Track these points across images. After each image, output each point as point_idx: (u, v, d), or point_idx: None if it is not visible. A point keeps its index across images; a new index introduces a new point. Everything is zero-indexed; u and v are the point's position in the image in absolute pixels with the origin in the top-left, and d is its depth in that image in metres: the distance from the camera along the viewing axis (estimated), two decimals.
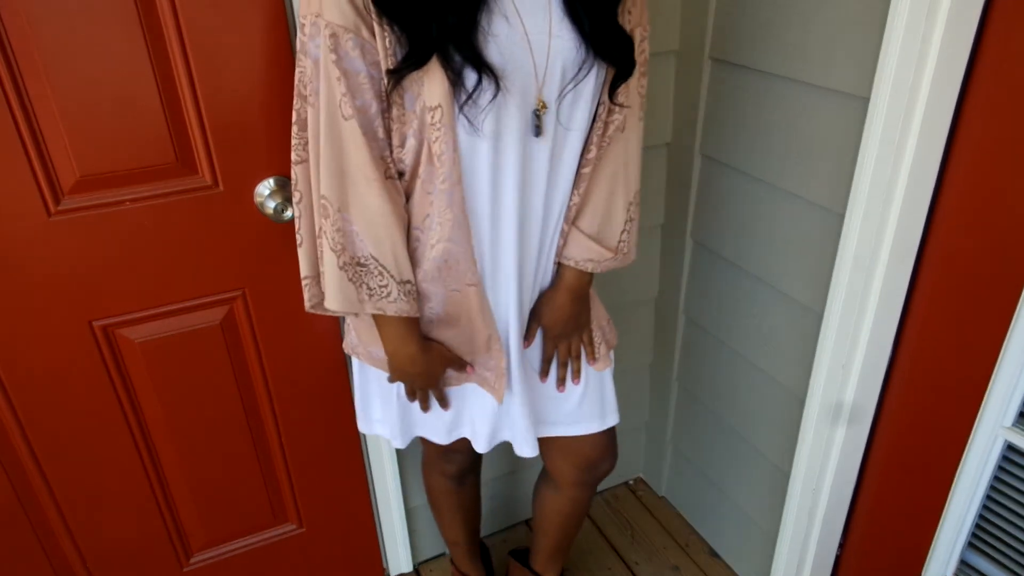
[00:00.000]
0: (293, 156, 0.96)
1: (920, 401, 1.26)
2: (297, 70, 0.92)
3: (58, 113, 1.02)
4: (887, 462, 1.35)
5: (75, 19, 0.98)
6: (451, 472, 1.38)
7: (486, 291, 1.03)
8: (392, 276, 0.95)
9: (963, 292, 1.13)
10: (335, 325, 1.35)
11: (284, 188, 1.18)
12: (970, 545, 1.26)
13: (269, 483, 1.46)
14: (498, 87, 0.86)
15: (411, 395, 1.13)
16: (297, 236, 1.01)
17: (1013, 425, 1.13)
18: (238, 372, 1.31)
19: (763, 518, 1.57)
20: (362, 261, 0.94)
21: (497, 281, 1.04)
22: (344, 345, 1.20)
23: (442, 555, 1.79)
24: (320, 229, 0.95)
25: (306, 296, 1.04)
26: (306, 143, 0.94)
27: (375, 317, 1.01)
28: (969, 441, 1.18)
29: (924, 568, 1.33)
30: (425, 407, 1.14)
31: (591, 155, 1.01)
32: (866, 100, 1.07)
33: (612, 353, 1.21)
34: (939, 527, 1.27)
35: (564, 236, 1.07)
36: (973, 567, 1.27)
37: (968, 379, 1.16)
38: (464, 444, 1.22)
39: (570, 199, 1.04)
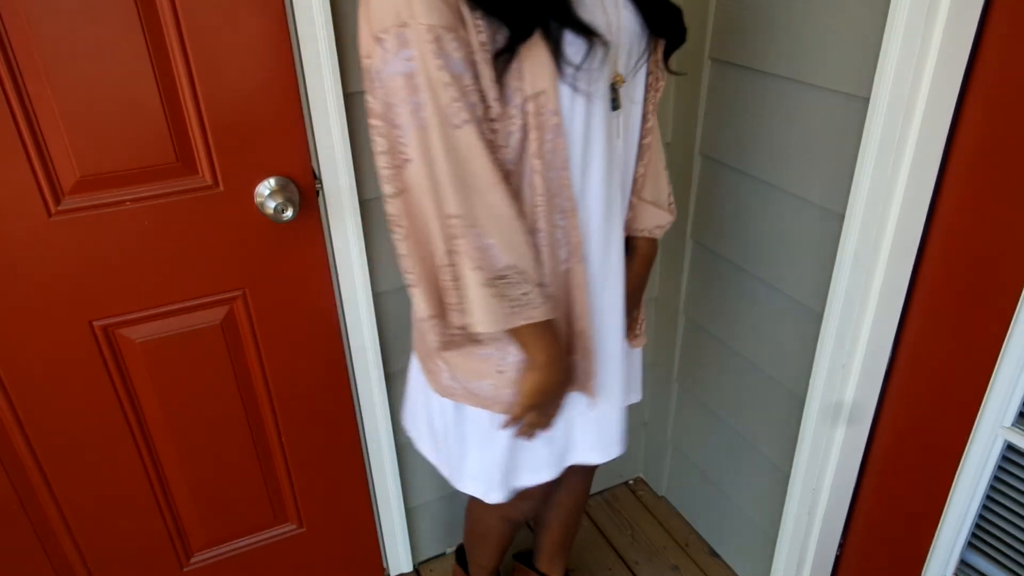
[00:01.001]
0: (389, 189, 0.88)
1: (920, 401, 1.26)
2: (380, 97, 0.84)
3: (58, 113, 1.02)
4: (887, 462, 1.35)
5: (75, 19, 0.98)
6: (515, 518, 1.29)
7: (584, 275, 0.99)
8: (531, 280, 0.90)
9: (963, 292, 1.13)
10: (336, 326, 1.35)
11: (284, 188, 1.18)
12: (970, 545, 1.26)
13: (269, 483, 1.46)
14: (606, 50, 0.86)
15: (532, 429, 1.04)
16: (407, 278, 0.92)
17: (1013, 425, 1.13)
18: (238, 372, 1.31)
19: (763, 518, 1.57)
20: (501, 273, 0.87)
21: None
22: (438, 389, 1.07)
23: (442, 555, 1.79)
24: (452, 252, 0.87)
25: (434, 338, 0.94)
26: (401, 169, 0.87)
27: (520, 333, 0.93)
28: (969, 441, 1.18)
29: (924, 568, 1.33)
30: (543, 429, 1.06)
31: (649, 124, 1.04)
32: (866, 100, 1.07)
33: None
34: (939, 527, 1.27)
35: (632, 209, 1.09)
36: (973, 567, 1.27)
37: (968, 379, 1.16)
38: (541, 490, 1.18)
39: (636, 172, 1.06)
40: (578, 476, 1.31)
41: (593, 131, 0.92)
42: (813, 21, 1.13)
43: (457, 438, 1.10)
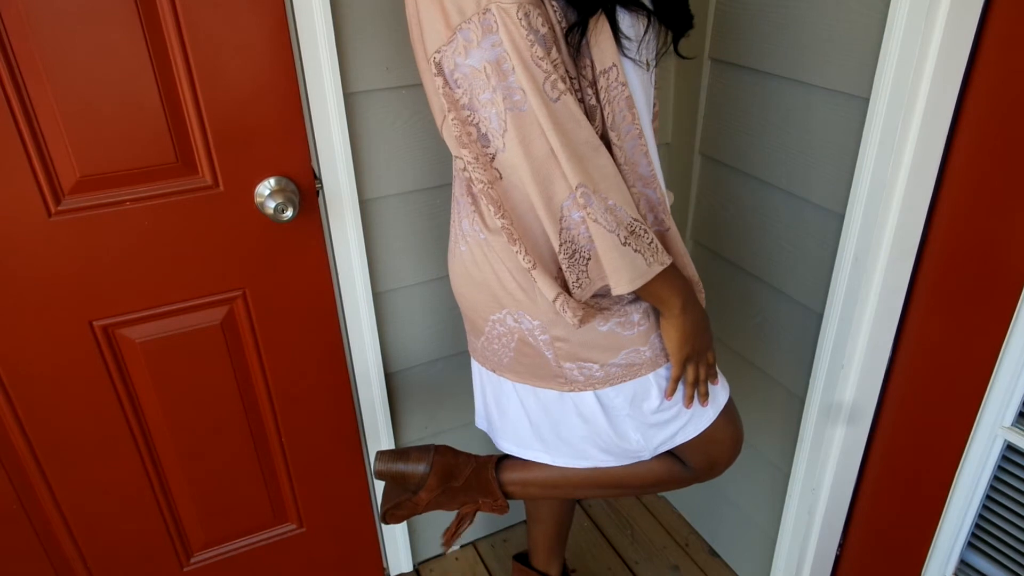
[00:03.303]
0: (487, 176, 0.90)
1: (919, 401, 1.26)
2: (462, 88, 0.86)
3: (58, 113, 1.02)
4: (887, 462, 1.35)
5: (75, 19, 0.98)
6: (721, 471, 1.24)
7: (676, 232, 1.01)
8: (650, 229, 0.92)
9: (963, 292, 1.13)
10: (336, 326, 1.35)
11: (284, 188, 1.18)
12: (970, 545, 1.26)
13: (269, 483, 1.46)
14: (660, 22, 0.91)
15: (701, 383, 1.05)
16: (526, 261, 0.92)
17: (1012, 425, 1.13)
18: (238, 372, 1.31)
19: (763, 518, 1.57)
20: (631, 228, 0.89)
21: None
22: (577, 388, 1.03)
23: (442, 555, 1.79)
24: (580, 222, 0.88)
25: (569, 315, 0.94)
26: (492, 158, 0.89)
27: (655, 284, 0.93)
28: (968, 441, 1.18)
29: (924, 568, 1.33)
30: (706, 386, 1.06)
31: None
32: (866, 100, 1.07)
33: None
34: (939, 527, 1.27)
35: None
36: (973, 567, 1.27)
37: (967, 379, 1.16)
38: (741, 428, 1.19)
39: None
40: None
41: (649, 106, 0.98)
42: (813, 21, 1.13)
43: (614, 427, 1.06)
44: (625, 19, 0.88)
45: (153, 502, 1.36)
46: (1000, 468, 1.17)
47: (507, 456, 1.24)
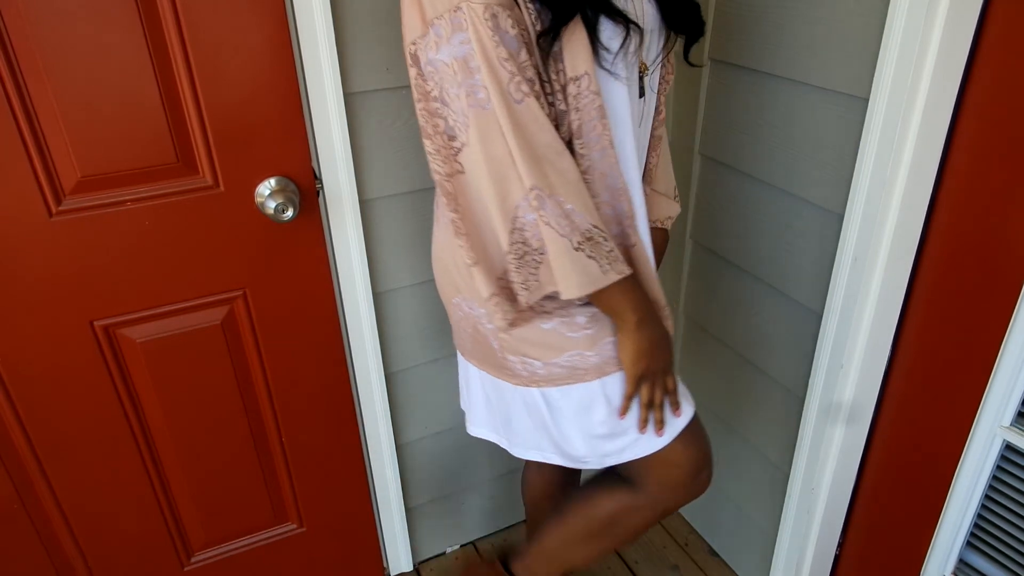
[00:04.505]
0: (446, 169, 0.91)
1: (919, 400, 1.26)
2: (433, 81, 0.87)
3: (59, 113, 1.02)
4: (886, 461, 1.36)
5: (76, 19, 0.98)
6: (683, 503, 1.18)
7: (645, 246, 0.99)
8: (610, 236, 0.91)
9: (962, 292, 1.14)
10: (336, 326, 1.35)
11: (285, 188, 1.18)
12: (969, 544, 1.26)
13: (269, 483, 1.46)
14: (641, 37, 0.89)
15: (649, 403, 1.01)
16: (468, 256, 0.93)
17: (1012, 425, 1.13)
18: (238, 372, 1.32)
19: (762, 517, 1.57)
20: (589, 235, 0.89)
21: None
22: (521, 383, 1.03)
23: (442, 555, 1.79)
24: (530, 225, 0.89)
25: (499, 317, 0.95)
26: (457, 152, 0.89)
27: (609, 294, 0.92)
28: (968, 441, 1.18)
29: (923, 567, 1.33)
30: (663, 412, 1.03)
31: (662, 116, 1.06)
32: (865, 100, 1.07)
33: None
34: (938, 526, 1.27)
35: (645, 198, 1.08)
36: (972, 566, 1.27)
37: (967, 379, 1.16)
38: (709, 453, 1.14)
39: (648, 161, 1.08)
40: (560, 468, 1.31)
41: (632, 117, 0.96)
42: (812, 21, 1.13)
43: (556, 425, 1.06)
44: (607, 29, 0.86)
45: (153, 502, 1.36)
46: (999, 468, 1.17)
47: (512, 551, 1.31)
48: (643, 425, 1.03)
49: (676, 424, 1.06)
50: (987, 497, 1.20)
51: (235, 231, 1.20)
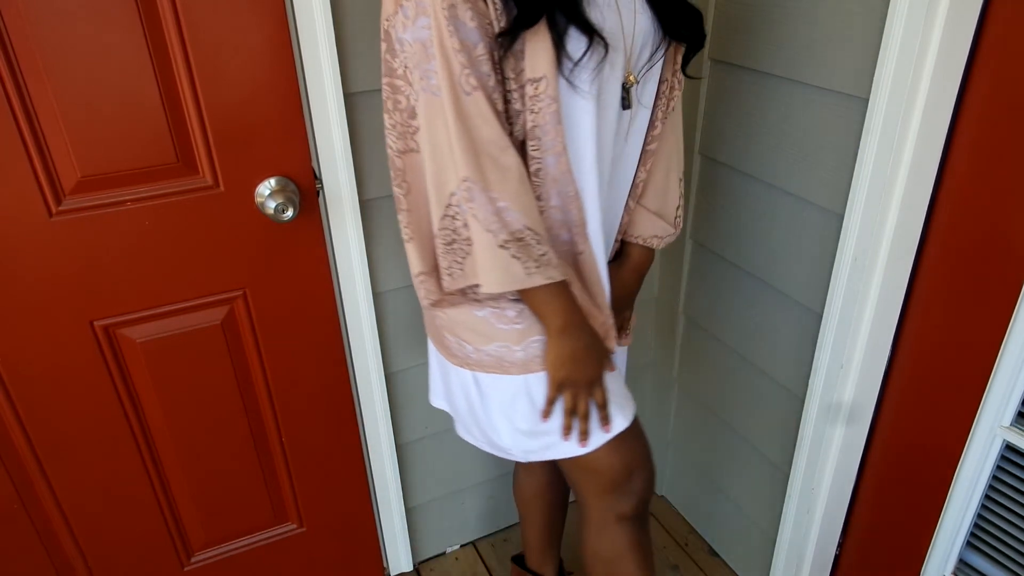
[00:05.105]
0: (399, 145, 0.93)
1: (919, 401, 1.26)
2: (399, 58, 0.88)
3: (59, 113, 1.02)
4: (886, 461, 1.36)
5: (76, 19, 0.98)
6: (632, 511, 1.14)
7: (595, 254, 0.99)
8: (546, 241, 0.91)
9: (962, 292, 1.14)
10: (336, 326, 1.35)
11: (284, 188, 1.18)
12: (969, 544, 1.26)
13: (269, 483, 1.46)
14: (606, 52, 0.87)
15: (572, 410, 1.00)
16: (405, 232, 0.97)
17: (1012, 425, 1.13)
18: (238, 372, 1.32)
19: (762, 517, 1.57)
20: (519, 235, 0.88)
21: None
22: (454, 362, 1.05)
23: (442, 555, 1.79)
24: (459, 216, 0.89)
25: (422, 293, 0.99)
26: (415, 131, 0.91)
27: (535, 296, 0.93)
28: (968, 441, 1.18)
29: (923, 567, 1.33)
30: (587, 421, 1.01)
31: (657, 131, 1.03)
32: (865, 100, 1.07)
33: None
34: (938, 526, 1.27)
35: (629, 214, 1.08)
36: (972, 567, 1.27)
37: (967, 379, 1.16)
38: (643, 461, 1.12)
39: (636, 176, 1.06)
40: (554, 466, 1.31)
41: (603, 127, 0.94)
42: (812, 21, 1.13)
43: (484, 409, 1.06)
44: (573, 39, 0.85)
45: (153, 502, 1.36)
46: (999, 468, 1.17)
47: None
48: (566, 432, 1.02)
49: (602, 434, 1.05)
50: (987, 497, 1.20)
51: (235, 231, 1.20)
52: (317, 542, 1.57)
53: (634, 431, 1.08)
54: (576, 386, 0.99)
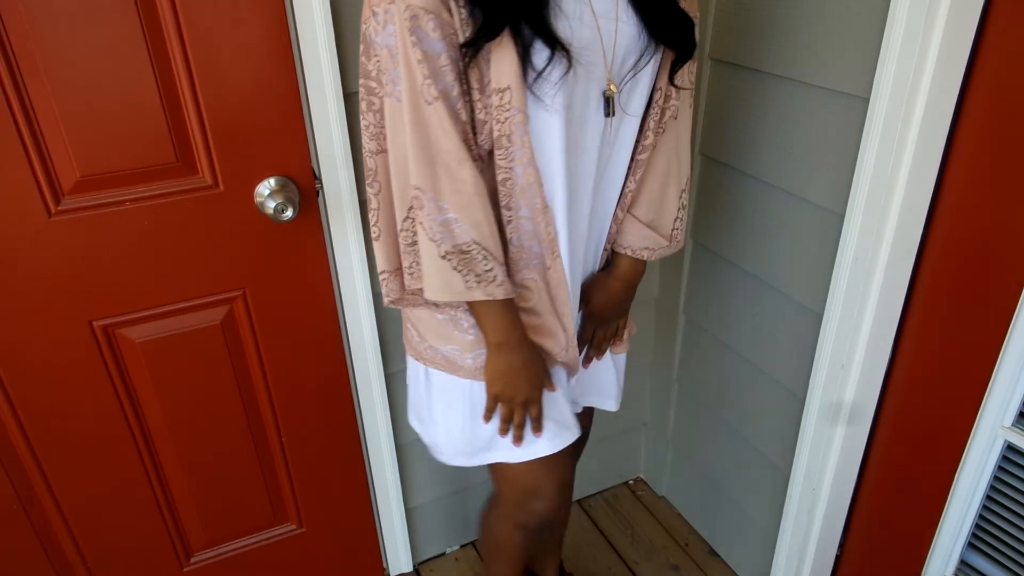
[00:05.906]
0: (372, 146, 0.93)
1: (920, 401, 1.26)
2: (373, 61, 0.88)
3: (58, 113, 1.02)
4: (887, 462, 1.35)
5: (75, 19, 0.98)
6: (529, 524, 1.22)
7: (564, 271, 0.99)
8: (495, 258, 0.91)
9: (963, 292, 1.13)
10: (336, 326, 1.35)
11: (284, 188, 1.18)
12: (970, 545, 1.26)
13: (269, 483, 1.46)
14: (569, 64, 0.86)
15: (508, 419, 1.04)
16: (374, 230, 0.98)
17: (1013, 425, 1.13)
18: (238, 372, 1.31)
19: (763, 518, 1.57)
20: (464, 248, 0.89)
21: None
22: (412, 353, 1.10)
23: (442, 555, 1.79)
24: (415, 221, 0.91)
25: (384, 291, 1.00)
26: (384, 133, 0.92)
27: (477, 309, 0.97)
28: (969, 441, 1.18)
29: (924, 568, 1.33)
30: (522, 430, 1.05)
31: (648, 141, 1.02)
32: (866, 100, 1.07)
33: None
34: (939, 527, 1.27)
35: (618, 223, 1.07)
36: (973, 567, 1.27)
37: (968, 379, 1.16)
38: (552, 489, 1.15)
39: (625, 186, 1.05)
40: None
41: (581, 137, 0.93)
42: (813, 21, 1.13)
43: (428, 403, 1.11)
44: (539, 52, 0.84)
45: (153, 502, 1.36)
46: (1000, 468, 1.17)
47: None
48: (502, 432, 1.06)
49: (531, 449, 1.08)
50: (988, 498, 1.20)
51: (235, 231, 1.20)
52: (317, 542, 1.57)
53: (555, 460, 1.11)
54: (511, 402, 1.03)
